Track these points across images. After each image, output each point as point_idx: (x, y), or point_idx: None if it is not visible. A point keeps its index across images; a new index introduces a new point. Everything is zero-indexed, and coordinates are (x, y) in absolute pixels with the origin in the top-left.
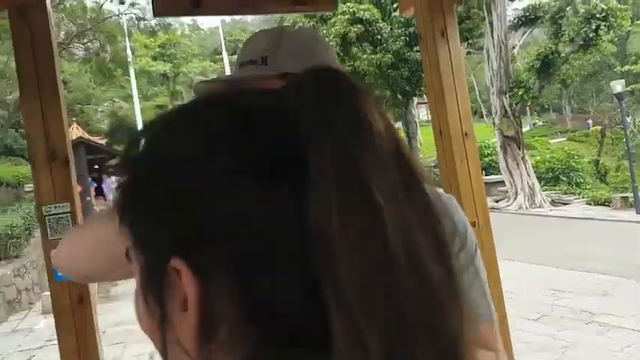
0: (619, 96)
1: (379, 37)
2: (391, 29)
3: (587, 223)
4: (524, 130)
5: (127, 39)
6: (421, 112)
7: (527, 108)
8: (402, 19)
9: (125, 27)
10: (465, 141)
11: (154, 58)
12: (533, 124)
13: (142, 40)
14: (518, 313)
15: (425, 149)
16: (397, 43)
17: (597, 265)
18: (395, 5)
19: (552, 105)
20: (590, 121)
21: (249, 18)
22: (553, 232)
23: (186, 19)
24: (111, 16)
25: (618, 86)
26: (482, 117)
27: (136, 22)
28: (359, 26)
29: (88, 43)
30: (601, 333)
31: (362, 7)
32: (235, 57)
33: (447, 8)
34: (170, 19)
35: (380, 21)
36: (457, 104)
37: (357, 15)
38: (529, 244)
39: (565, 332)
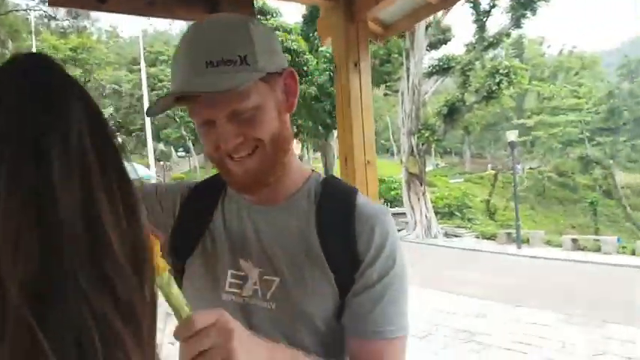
0: (512, 144)
1: (305, 68)
2: (317, 63)
3: (473, 254)
4: (427, 169)
5: (33, 37)
6: None
7: (432, 149)
8: (328, 54)
9: (33, 24)
10: (367, 169)
11: (63, 62)
12: (437, 165)
13: (51, 41)
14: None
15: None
16: (322, 77)
17: (478, 291)
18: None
19: (454, 148)
20: (489, 165)
21: (173, 30)
22: (443, 261)
23: (105, 24)
24: (17, 10)
25: (512, 136)
26: (394, 155)
27: (47, 20)
28: (287, 56)
29: None
30: (477, 351)
31: (291, 37)
32: (155, 69)
33: (362, 42)
34: (86, 22)
35: (307, 53)
36: (363, 133)
37: (285, 44)
38: (421, 270)
39: (446, 350)
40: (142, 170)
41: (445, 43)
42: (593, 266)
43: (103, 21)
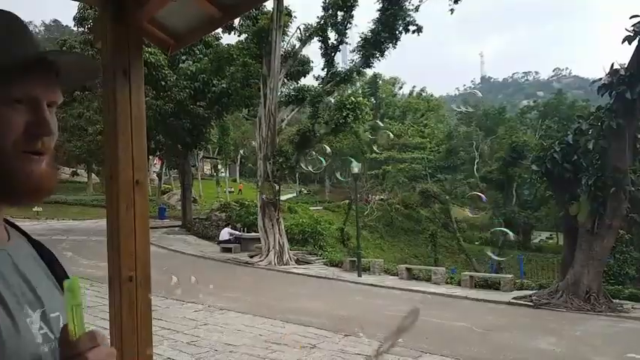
0: (355, 176)
1: (163, 83)
2: (176, 79)
3: (318, 281)
4: (291, 196)
5: None
6: (206, 167)
7: (286, 176)
8: (189, 72)
9: None
10: (135, 189)
11: None
12: (300, 191)
13: None
14: None
15: (203, 201)
16: (182, 93)
17: (314, 320)
18: (184, 57)
19: (318, 177)
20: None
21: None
22: (288, 288)
23: None
24: None
25: (355, 168)
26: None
27: None
28: (145, 69)
29: None
30: None
31: (149, 49)
32: None
33: (133, 48)
34: None
35: (166, 68)
36: (132, 150)
37: (143, 57)
38: (262, 298)
39: None
40: None
41: (305, 75)
42: (414, 294)
43: None
